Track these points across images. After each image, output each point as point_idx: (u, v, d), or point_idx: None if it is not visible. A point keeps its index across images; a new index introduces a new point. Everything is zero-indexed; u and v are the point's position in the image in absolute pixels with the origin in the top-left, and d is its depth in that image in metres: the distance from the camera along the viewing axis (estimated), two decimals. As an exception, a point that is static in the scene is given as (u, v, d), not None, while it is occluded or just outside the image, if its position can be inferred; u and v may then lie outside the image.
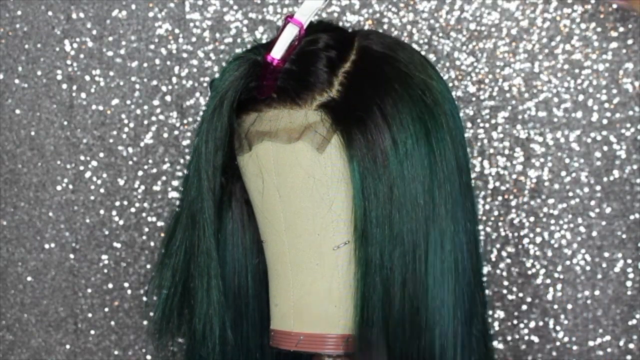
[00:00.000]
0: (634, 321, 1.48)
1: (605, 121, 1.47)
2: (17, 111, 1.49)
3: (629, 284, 1.48)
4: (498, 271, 1.48)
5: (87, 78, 1.49)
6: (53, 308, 1.50)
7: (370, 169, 1.03)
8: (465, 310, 1.10)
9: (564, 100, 1.47)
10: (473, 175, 1.48)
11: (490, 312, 1.48)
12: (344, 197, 1.05)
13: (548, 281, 1.48)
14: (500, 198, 1.48)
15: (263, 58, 1.05)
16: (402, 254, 1.04)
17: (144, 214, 1.50)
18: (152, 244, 1.50)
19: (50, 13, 1.49)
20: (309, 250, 1.07)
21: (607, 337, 1.48)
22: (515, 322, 1.49)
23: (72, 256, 1.50)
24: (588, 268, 1.48)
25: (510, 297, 1.48)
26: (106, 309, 1.50)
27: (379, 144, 1.03)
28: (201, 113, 1.47)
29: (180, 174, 1.49)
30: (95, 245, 1.50)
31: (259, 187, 1.08)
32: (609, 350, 1.48)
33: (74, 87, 1.49)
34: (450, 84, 1.47)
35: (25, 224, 1.50)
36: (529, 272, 1.48)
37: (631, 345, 1.48)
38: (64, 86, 1.49)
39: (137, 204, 1.50)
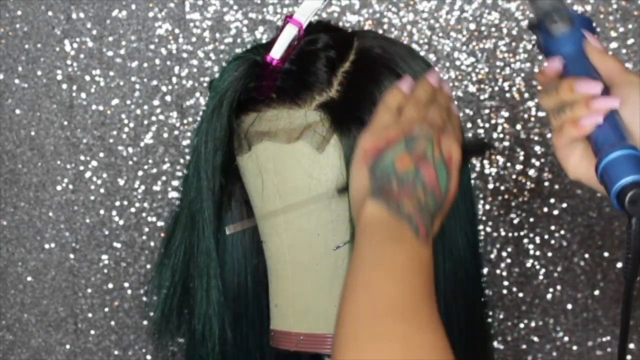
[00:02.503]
0: (634, 321, 1.48)
1: (605, 121, 1.47)
2: (17, 111, 1.49)
3: (629, 284, 1.48)
4: (498, 271, 1.48)
5: (87, 78, 1.49)
6: (53, 308, 1.51)
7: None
8: (465, 310, 1.10)
9: (564, 100, 1.47)
10: (473, 175, 1.47)
11: (490, 312, 1.48)
12: (344, 197, 1.04)
13: (548, 281, 1.48)
14: (500, 198, 1.48)
15: (262, 58, 1.05)
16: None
17: (144, 214, 1.50)
18: (152, 244, 1.50)
19: (50, 13, 1.49)
20: (309, 251, 1.07)
21: (607, 337, 1.48)
22: (515, 322, 1.49)
23: (72, 256, 1.50)
24: (588, 268, 1.48)
25: (510, 297, 1.48)
26: (106, 309, 1.50)
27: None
28: (201, 113, 1.47)
29: (180, 174, 1.49)
30: (95, 245, 1.50)
31: (259, 187, 1.08)
32: (609, 350, 1.48)
33: (74, 87, 1.49)
34: (450, 84, 1.47)
35: (25, 224, 1.50)
36: (529, 272, 1.48)
37: (631, 345, 1.48)
38: (64, 86, 1.49)
39: (137, 204, 1.50)
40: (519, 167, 1.47)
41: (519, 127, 1.47)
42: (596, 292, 1.48)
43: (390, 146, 0.98)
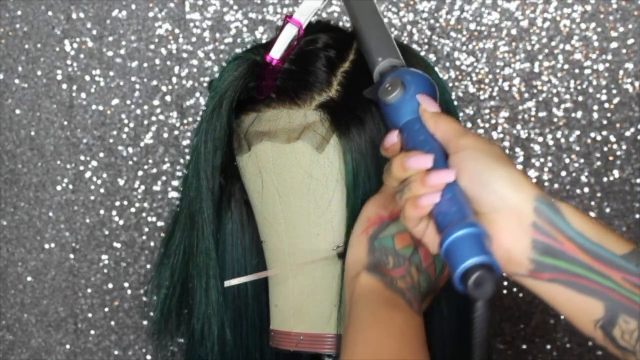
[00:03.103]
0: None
1: (605, 121, 1.47)
2: (17, 111, 1.49)
3: (629, 284, 1.48)
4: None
5: (87, 78, 1.49)
6: (53, 308, 1.51)
7: (368, 169, 1.03)
8: (464, 309, 1.10)
9: (564, 100, 1.47)
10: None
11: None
12: (343, 197, 1.05)
13: (548, 281, 1.48)
14: (500, 198, 1.48)
15: (262, 58, 1.05)
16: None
17: (144, 214, 1.50)
18: (152, 244, 1.50)
19: (50, 13, 1.49)
20: (309, 251, 1.07)
21: (607, 337, 1.48)
22: (515, 322, 1.49)
23: (72, 256, 1.50)
24: (588, 268, 1.48)
25: (510, 297, 1.48)
26: (106, 309, 1.50)
27: (377, 144, 1.03)
28: (201, 113, 1.47)
29: (180, 174, 1.49)
30: (95, 245, 1.50)
31: (258, 187, 1.08)
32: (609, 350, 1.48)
33: (74, 87, 1.49)
34: (450, 84, 1.47)
35: (25, 224, 1.50)
36: (529, 272, 1.48)
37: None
38: (64, 86, 1.49)
39: (137, 204, 1.50)
40: (519, 167, 1.48)
41: (519, 127, 1.47)
42: (596, 292, 1.48)
43: (393, 219, 0.98)
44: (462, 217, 0.87)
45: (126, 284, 1.50)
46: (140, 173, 1.50)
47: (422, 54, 1.45)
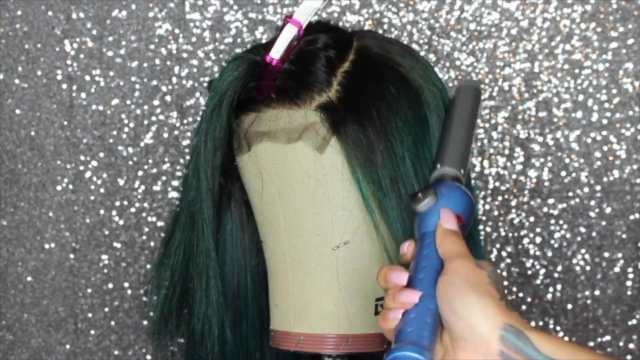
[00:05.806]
0: (634, 321, 1.48)
1: (605, 121, 1.47)
2: (17, 111, 1.49)
3: (629, 284, 1.48)
4: (498, 271, 1.48)
5: (87, 78, 1.49)
6: (53, 308, 1.51)
7: (369, 169, 1.03)
8: None
9: (564, 100, 1.47)
10: (473, 175, 1.47)
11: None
12: (343, 197, 1.05)
13: (548, 281, 1.48)
14: (500, 198, 1.48)
15: (262, 58, 1.05)
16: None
17: (144, 214, 1.50)
18: (152, 244, 1.50)
19: (50, 13, 1.49)
20: (309, 251, 1.07)
21: (607, 337, 1.48)
22: None
23: (72, 256, 1.50)
24: (588, 268, 1.48)
25: (510, 297, 1.48)
26: (106, 309, 1.50)
27: (376, 145, 1.03)
28: (201, 113, 1.47)
29: (180, 174, 1.49)
30: (95, 245, 1.50)
31: (258, 187, 1.08)
32: (609, 350, 1.48)
33: (74, 87, 1.49)
34: (450, 84, 1.47)
35: (25, 224, 1.50)
36: (529, 272, 1.48)
37: (631, 345, 1.48)
38: (64, 86, 1.49)
39: (137, 204, 1.50)
40: (519, 167, 1.48)
41: (519, 127, 1.47)
42: (596, 292, 1.48)
43: None
44: (415, 340, 0.89)
45: (126, 284, 1.50)
46: (140, 173, 1.50)
47: (422, 54, 1.45)
